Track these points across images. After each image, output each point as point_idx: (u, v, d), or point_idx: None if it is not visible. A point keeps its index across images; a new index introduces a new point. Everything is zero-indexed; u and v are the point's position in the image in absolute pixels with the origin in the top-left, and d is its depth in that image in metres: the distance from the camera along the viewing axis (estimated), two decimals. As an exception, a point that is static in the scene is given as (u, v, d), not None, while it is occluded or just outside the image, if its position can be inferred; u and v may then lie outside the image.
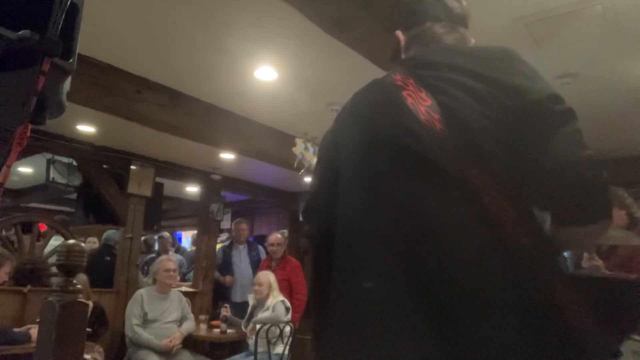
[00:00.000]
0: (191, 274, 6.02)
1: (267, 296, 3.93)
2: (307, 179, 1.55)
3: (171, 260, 4.34)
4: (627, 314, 0.88)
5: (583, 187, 0.80)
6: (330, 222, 0.95)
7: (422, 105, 0.89)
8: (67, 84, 0.80)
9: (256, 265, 5.34)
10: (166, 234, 6.44)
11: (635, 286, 0.91)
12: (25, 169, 5.84)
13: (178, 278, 4.55)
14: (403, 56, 1.11)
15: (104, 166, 4.91)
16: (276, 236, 4.65)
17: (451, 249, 0.82)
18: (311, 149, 1.64)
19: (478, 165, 0.82)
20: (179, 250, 7.41)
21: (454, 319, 0.79)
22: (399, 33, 1.14)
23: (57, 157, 4.95)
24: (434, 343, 0.78)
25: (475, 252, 0.81)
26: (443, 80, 0.91)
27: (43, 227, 4.80)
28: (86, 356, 2.93)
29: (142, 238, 6.97)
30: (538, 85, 0.88)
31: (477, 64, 0.93)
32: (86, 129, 4.37)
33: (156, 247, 6.40)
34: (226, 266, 5.38)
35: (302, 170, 1.63)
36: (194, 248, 6.62)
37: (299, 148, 1.64)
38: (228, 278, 5.28)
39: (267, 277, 4.03)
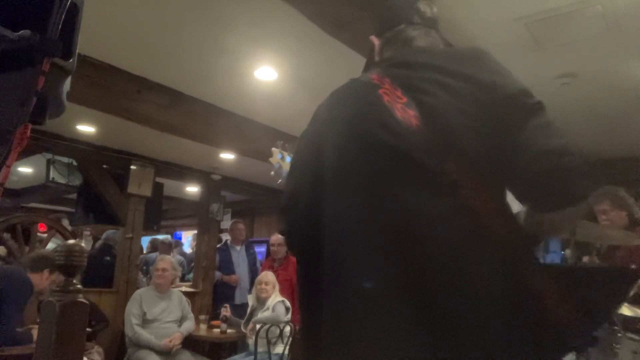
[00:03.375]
0: (190, 275, 6.00)
1: (269, 296, 3.93)
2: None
3: (165, 259, 4.31)
4: (601, 301, 0.92)
5: (558, 173, 0.83)
6: (312, 221, 0.96)
7: (398, 102, 0.91)
8: (67, 84, 0.80)
9: (253, 266, 5.32)
10: (168, 238, 6.44)
11: (608, 274, 0.95)
12: (25, 169, 5.84)
13: (177, 277, 4.53)
14: (377, 59, 1.14)
15: (104, 166, 4.91)
16: (277, 236, 4.63)
17: (433, 242, 0.83)
18: (288, 158, 1.62)
19: (455, 159, 0.85)
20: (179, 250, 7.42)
21: (441, 310, 0.80)
22: (373, 38, 1.17)
23: (57, 157, 4.95)
24: (424, 335, 0.80)
25: (456, 243, 0.83)
26: (418, 78, 0.94)
27: (43, 227, 4.80)
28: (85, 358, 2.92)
29: (149, 239, 6.98)
30: (510, 80, 0.92)
31: (452, 62, 0.96)
32: (86, 129, 4.37)
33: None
34: (226, 266, 5.37)
35: (279, 180, 1.62)
36: (192, 250, 6.62)
37: (275, 158, 1.63)
38: (234, 277, 5.27)
39: (272, 277, 4.03)
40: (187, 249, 8.12)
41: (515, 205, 0.99)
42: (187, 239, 9.04)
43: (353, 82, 1.06)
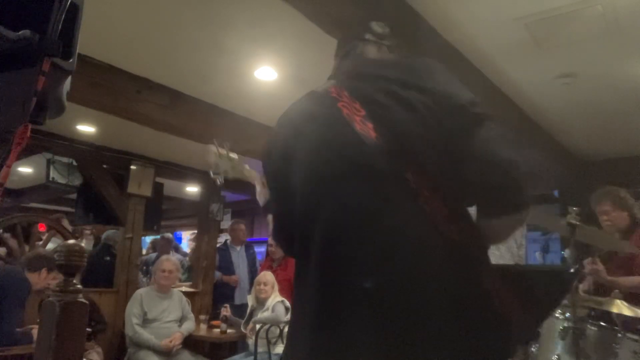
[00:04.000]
0: (185, 276, 5.97)
1: (269, 296, 3.93)
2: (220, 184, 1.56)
3: (170, 260, 4.33)
4: (543, 300, 1.01)
5: (503, 185, 0.91)
6: (291, 223, 1.02)
7: (357, 115, 0.96)
8: (67, 84, 0.80)
9: (252, 267, 5.32)
10: (168, 235, 6.43)
11: (550, 275, 1.03)
12: (25, 169, 5.84)
13: (179, 278, 4.54)
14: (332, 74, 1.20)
15: (104, 166, 4.91)
16: None
17: (396, 245, 0.88)
18: (227, 155, 1.61)
19: (412, 167, 0.90)
20: (178, 250, 7.40)
21: (399, 305, 0.85)
22: (334, 61, 1.25)
23: (57, 157, 4.95)
24: (382, 333, 0.85)
25: (417, 247, 0.88)
26: (375, 90, 0.98)
27: (43, 227, 4.79)
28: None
29: (150, 239, 6.96)
30: (460, 91, 0.98)
31: (405, 74, 1.01)
32: (86, 129, 4.37)
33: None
34: (226, 266, 5.37)
35: (219, 182, 1.61)
36: (189, 250, 6.60)
37: (213, 155, 1.61)
38: (234, 278, 5.26)
39: (271, 277, 4.03)
40: (185, 249, 8.11)
41: None
42: (187, 238, 9.03)
43: (312, 95, 1.09)
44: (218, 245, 5.77)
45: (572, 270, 1.85)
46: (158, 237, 6.45)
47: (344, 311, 0.88)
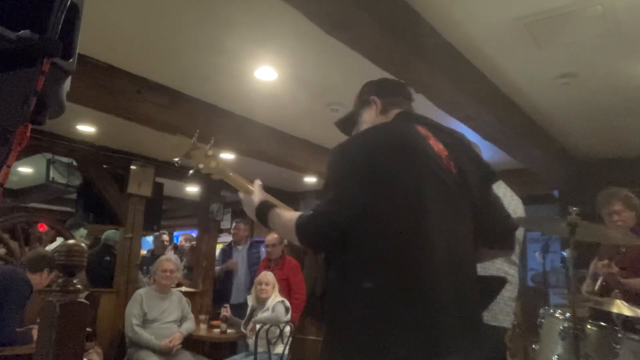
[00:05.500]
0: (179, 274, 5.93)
1: (269, 296, 3.93)
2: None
3: (170, 260, 4.33)
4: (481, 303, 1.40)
5: (505, 233, 1.40)
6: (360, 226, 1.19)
7: (443, 153, 1.28)
8: (67, 84, 0.80)
9: (253, 267, 5.32)
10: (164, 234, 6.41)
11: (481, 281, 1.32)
12: (25, 169, 5.83)
13: (179, 277, 4.54)
14: (376, 114, 1.45)
15: (104, 166, 4.91)
16: (272, 236, 4.60)
17: (455, 248, 1.22)
18: (206, 151, 1.59)
19: (469, 199, 1.29)
20: (176, 249, 7.39)
21: (443, 301, 1.15)
22: (374, 98, 1.47)
23: (57, 157, 4.95)
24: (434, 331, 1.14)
25: (466, 254, 1.27)
26: (450, 140, 1.33)
27: (43, 227, 4.80)
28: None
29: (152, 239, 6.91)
30: (486, 160, 1.41)
31: (463, 138, 1.40)
32: (86, 129, 4.37)
33: (152, 246, 6.38)
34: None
35: (176, 164, 1.61)
36: (186, 247, 6.56)
37: (190, 145, 1.58)
38: (231, 263, 5.26)
39: (272, 277, 4.03)
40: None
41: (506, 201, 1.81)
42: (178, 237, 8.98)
43: (405, 127, 1.34)
44: (224, 245, 5.78)
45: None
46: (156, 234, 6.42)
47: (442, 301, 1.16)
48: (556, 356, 2.21)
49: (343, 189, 1.21)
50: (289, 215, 1.33)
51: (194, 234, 6.52)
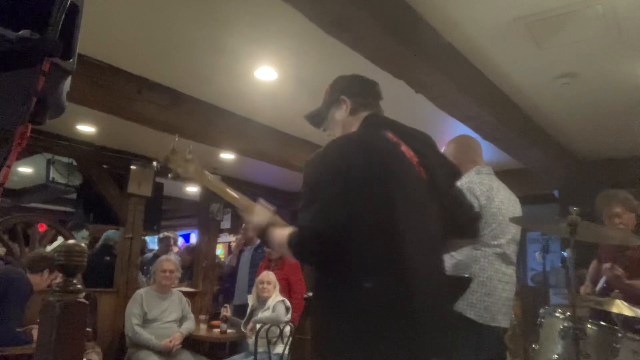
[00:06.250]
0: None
1: (270, 295, 3.93)
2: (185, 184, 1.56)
3: (170, 260, 4.33)
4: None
5: (470, 223, 1.55)
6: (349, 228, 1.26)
7: (414, 160, 1.37)
8: (67, 84, 0.80)
9: (253, 267, 5.31)
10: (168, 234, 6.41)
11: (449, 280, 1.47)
12: (25, 169, 5.83)
13: (179, 277, 4.53)
14: (346, 114, 1.53)
15: (104, 166, 4.90)
16: None
17: (432, 257, 1.34)
18: (185, 158, 1.59)
19: (438, 200, 1.39)
20: (176, 243, 7.36)
21: (421, 297, 1.24)
22: (344, 97, 1.53)
23: (57, 157, 4.95)
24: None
25: (440, 259, 1.39)
26: (418, 145, 1.42)
27: (43, 227, 4.80)
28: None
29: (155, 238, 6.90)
30: (449, 159, 1.62)
31: (429, 140, 1.50)
32: (86, 129, 4.37)
33: (156, 247, 6.38)
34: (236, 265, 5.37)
35: (155, 169, 1.63)
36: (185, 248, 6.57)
37: (170, 151, 1.58)
38: (231, 258, 5.25)
39: (274, 276, 4.03)
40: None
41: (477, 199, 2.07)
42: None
43: (379, 136, 1.39)
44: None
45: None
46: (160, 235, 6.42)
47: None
48: (556, 356, 2.20)
49: (323, 202, 1.25)
50: (281, 234, 1.34)
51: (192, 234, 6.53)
